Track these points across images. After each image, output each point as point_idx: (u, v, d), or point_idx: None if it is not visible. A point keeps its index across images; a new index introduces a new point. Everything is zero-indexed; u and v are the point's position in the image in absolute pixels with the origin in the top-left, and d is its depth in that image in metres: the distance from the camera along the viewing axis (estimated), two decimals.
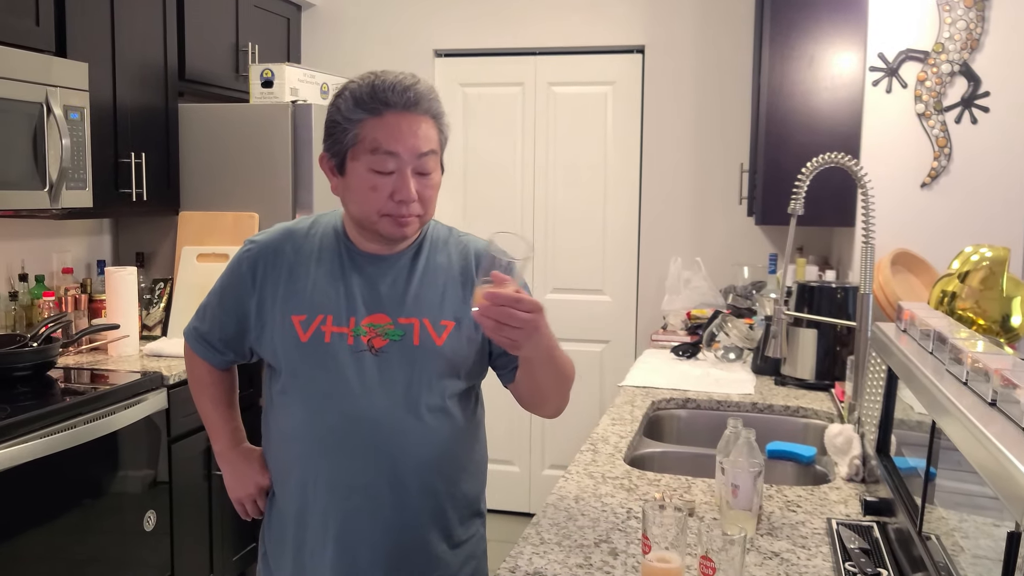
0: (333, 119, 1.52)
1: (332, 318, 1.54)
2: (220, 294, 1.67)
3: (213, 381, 1.76)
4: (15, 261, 3.18)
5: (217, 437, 1.77)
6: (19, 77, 2.60)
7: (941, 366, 1.34)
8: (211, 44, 3.68)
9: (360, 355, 1.53)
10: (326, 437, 1.54)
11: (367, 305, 1.55)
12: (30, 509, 2.33)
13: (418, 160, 1.49)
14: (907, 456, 1.53)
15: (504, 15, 4.28)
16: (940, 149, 2.77)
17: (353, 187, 1.51)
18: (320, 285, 1.56)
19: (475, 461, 1.67)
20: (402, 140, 1.47)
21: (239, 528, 3.20)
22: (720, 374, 2.91)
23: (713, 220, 4.15)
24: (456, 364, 1.57)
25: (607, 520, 1.64)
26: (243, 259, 1.63)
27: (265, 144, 3.46)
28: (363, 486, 1.53)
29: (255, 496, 1.72)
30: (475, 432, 1.68)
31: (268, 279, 1.59)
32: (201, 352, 1.72)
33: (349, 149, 1.50)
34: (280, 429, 1.61)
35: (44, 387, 2.69)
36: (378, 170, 1.48)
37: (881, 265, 2.67)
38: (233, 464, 1.74)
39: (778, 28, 3.08)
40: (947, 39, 2.72)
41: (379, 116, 1.48)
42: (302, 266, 1.58)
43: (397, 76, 1.50)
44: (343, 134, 1.50)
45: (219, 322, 1.67)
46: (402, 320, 1.54)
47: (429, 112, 1.52)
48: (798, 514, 1.68)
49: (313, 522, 1.57)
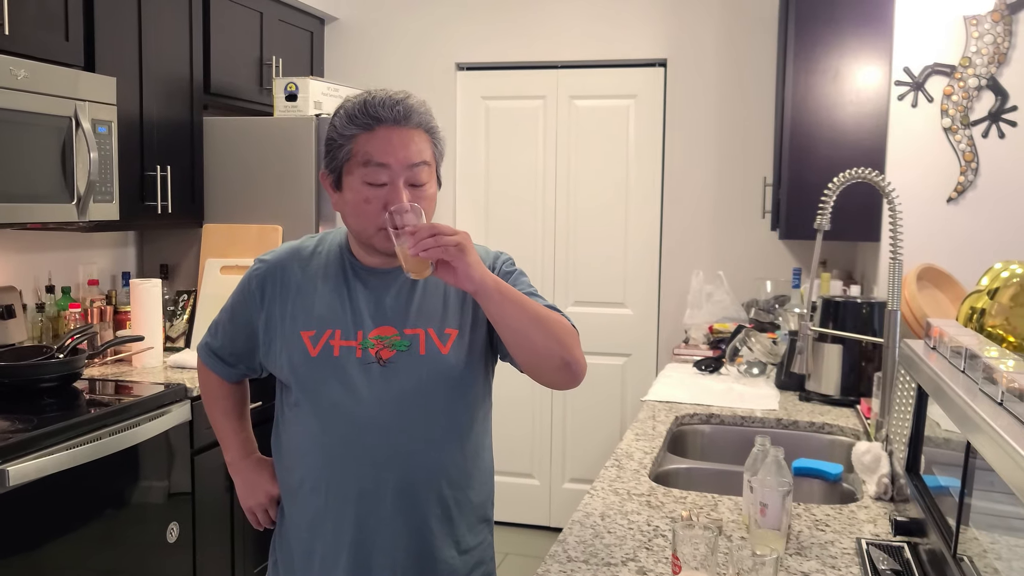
0: (330, 136, 1.58)
1: (340, 332, 1.58)
2: (231, 311, 1.72)
3: (224, 394, 1.81)
4: (42, 273, 3.21)
5: (228, 447, 1.83)
6: (49, 91, 2.63)
7: (974, 385, 1.32)
8: (236, 58, 3.71)
9: (368, 367, 1.56)
10: (336, 446, 1.57)
11: (373, 318, 1.59)
12: (55, 520, 2.34)
13: (410, 171, 1.53)
14: (938, 475, 1.52)
15: (526, 28, 4.29)
16: (967, 164, 2.75)
17: (349, 201, 1.55)
18: (327, 301, 1.61)
19: (482, 468, 1.70)
20: (392, 152, 1.51)
21: (260, 540, 3.20)
22: (744, 389, 2.90)
23: (735, 234, 4.13)
24: (462, 371, 1.60)
25: (634, 538, 1.62)
26: (252, 278, 1.68)
27: (289, 157, 3.48)
28: (373, 492, 1.57)
29: (266, 505, 1.76)
30: (482, 439, 1.70)
31: (276, 297, 1.64)
32: (213, 366, 1.77)
33: (344, 164, 1.55)
34: (291, 440, 1.65)
35: (70, 398, 2.71)
36: (371, 182, 1.52)
37: (907, 280, 2.65)
38: (244, 474, 1.79)
39: (803, 42, 3.08)
40: (974, 53, 2.71)
41: (371, 131, 1.53)
42: (309, 283, 1.63)
43: (388, 92, 1.56)
44: (338, 150, 1.55)
45: (230, 338, 1.72)
46: (408, 331, 1.58)
47: (421, 125, 1.56)
48: (827, 533, 1.66)
49: (325, 530, 1.60)
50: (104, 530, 2.51)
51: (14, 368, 2.69)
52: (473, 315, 1.62)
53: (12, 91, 2.50)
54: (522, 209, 4.40)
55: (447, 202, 4.40)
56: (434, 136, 1.58)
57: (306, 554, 1.64)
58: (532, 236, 4.38)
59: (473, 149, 4.44)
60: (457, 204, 4.44)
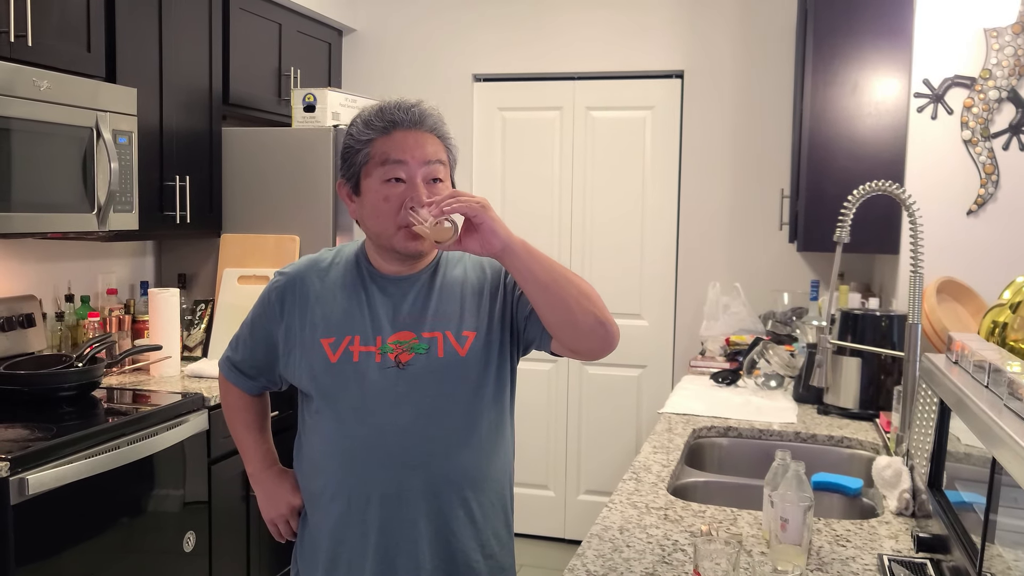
0: (347, 145, 1.62)
1: (359, 338, 1.61)
2: (251, 325, 1.75)
3: (245, 406, 1.83)
4: (62, 282, 3.24)
5: (250, 459, 1.84)
6: (71, 102, 2.65)
7: (999, 400, 1.31)
8: (255, 69, 3.73)
9: (387, 371, 1.58)
10: (358, 450, 1.59)
11: (392, 323, 1.61)
12: (74, 528, 2.35)
13: (427, 166, 1.57)
14: (961, 491, 1.50)
15: (543, 40, 4.30)
16: (987, 176, 2.73)
17: (368, 203, 1.58)
18: (346, 308, 1.63)
19: (505, 471, 1.71)
20: (409, 150, 1.56)
21: (277, 549, 3.21)
22: (761, 402, 2.88)
23: (752, 245, 4.12)
24: (480, 372, 1.61)
25: (653, 552, 1.62)
26: (272, 290, 1.71)
27: (306, 167, 3.50)
28: (396, 496, 1.58)
29: (287, 517, 1.77)
30: (504, 441, 1.70)
31: (296, 308, 1.67)
32: (234, 380, 1.80)
33: (362, 168, 1.59)
34: (312, 447, 1.66)
35: (88, 407, 2.72)
36: (389, 178, 1.55)
37: (926, 293, 2.63)
38: (265, 485, 1.80)
39: (821, 54, 3.07)
40: (994, 65, 2.69)
41: (387, 134, 1.57)
42: (328, 292, 1.66)
43: (403, 99, 1.61)
44: (355, 155, 1.59)
45: (251, 351, 1.75)
46: (426, 334, 1.60)
47: (434, 130, 1.60)
48: (848, 549, 1.65)
49: (350, 536, 1.61)
50: (121, 538, 2.51)
51: (34, 376, 2.70)
52: (489, 316, 1.63)
53: (35, 102, 2.52)
54: (538, 220, 4.40)
55: None
56: (446, 142, 1.63)
57: (330, 561, 1.64)
58: (548, 247, 4.38)
59: (489, 160, 4.45)
60: None
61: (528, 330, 1.63)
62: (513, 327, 1.65)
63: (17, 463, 2.16)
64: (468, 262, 1.70)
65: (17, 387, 2.66)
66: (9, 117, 2.44)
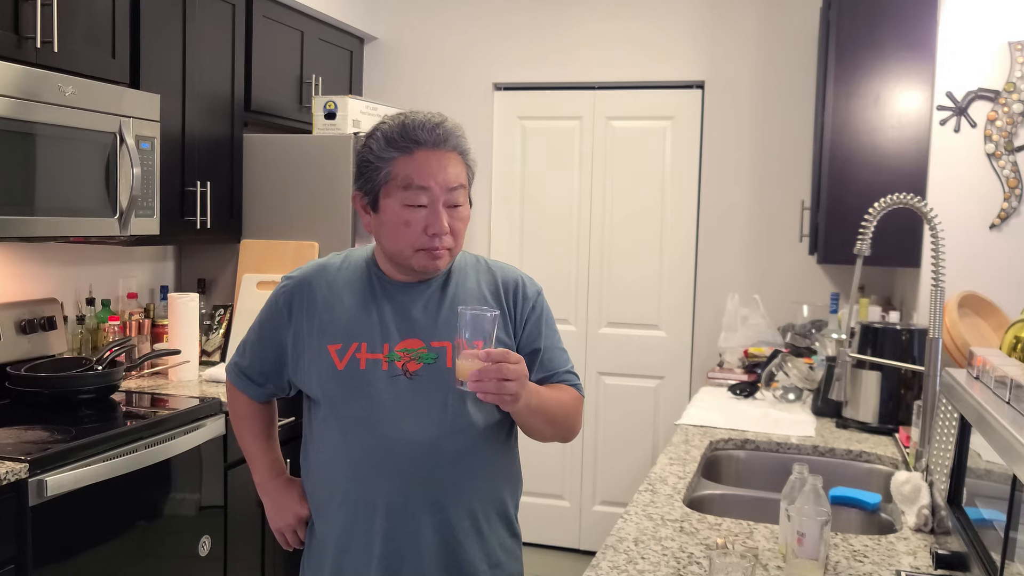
0: (365, 159, 1.60)
1: (366, 345, 1.60)
2: (259, 330, 1.74)
3: (252, 414, 1.82)
4: (83, 286, 3.26)
5: (257, 468, 1.83)
6: (95, 108, 2.67)
7: (1020, 416, 1.30)
8: (276, 76, 3.75)
9: (395, 379, 1.59)
10: (364, 459, 1.58)
11: (400, 331, 1.61)
12: (91, 530, 2.36)
13: (449, 193, 1.57)
14: (981, 507, 1.48)
15: (564, 49, 4.31)
16: (1011, 190, 2.71)
17: (387, 223, 1.58)
18: (353, 315, 1.63)
19: (512, 480, 1.71)
20: (433, 175, 1.55)
21: (291, 555, 3.20)
22: (779, 415, 2.86)
23: (772, 257, 4.10)
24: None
25: (668, 565, 1.61)
26: (280, 295, 1.70)
27: (327, 175, 3.51)
28: (402, 506, 1.58)
29: (295, 526, 1.76)
30: (509, 451, 1.71)
31: (303, 312, 1.65)
32: (241, 386, 1.78)
33: (382, 187, 1.57)
34: (319, 456, 1.65)
35: (107, 410, 2.74)
36: (411, 204, 1.55)
37: (948, 308, 2.61)
38: (272, 495, 1.79)
39: (843, 66, 3.06)
40: (1019, 78, 2.67)
41: (410, 154, 1.56)
42: (336, 298, 1.65)
43: (426, 115, 1.59)
44: (375, 172, 1.58)
45: (259, 357, 1.74)
46: (435, 344, 1.60)
47: (457, 148, 1.60)
48: (865, 565, 1.63)
49: (355, 546, 1.61)
50: (138, 542, 2.53)
51: (54, 379, 2.73)
52: (502, 332, 1.63)
53: (60, 107, 2.55)
54: (557, 229, 4.40)
55: (482, 221, 4.41)
56: (467, 159, 1.62)
57: (336, 570, 1.64)
58: (566, 256, 4.38)
59: (509, 169, 4.45)
60: (492, 223, 4.45)
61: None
62: (518, 349, 1.67)
63: (36, 465, 2.18)
64: (482, 273, 1.71)
65: (37, 389, 2.68)
66: (34, 122, 2.47)
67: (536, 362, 1.68)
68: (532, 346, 1.69)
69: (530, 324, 1.70)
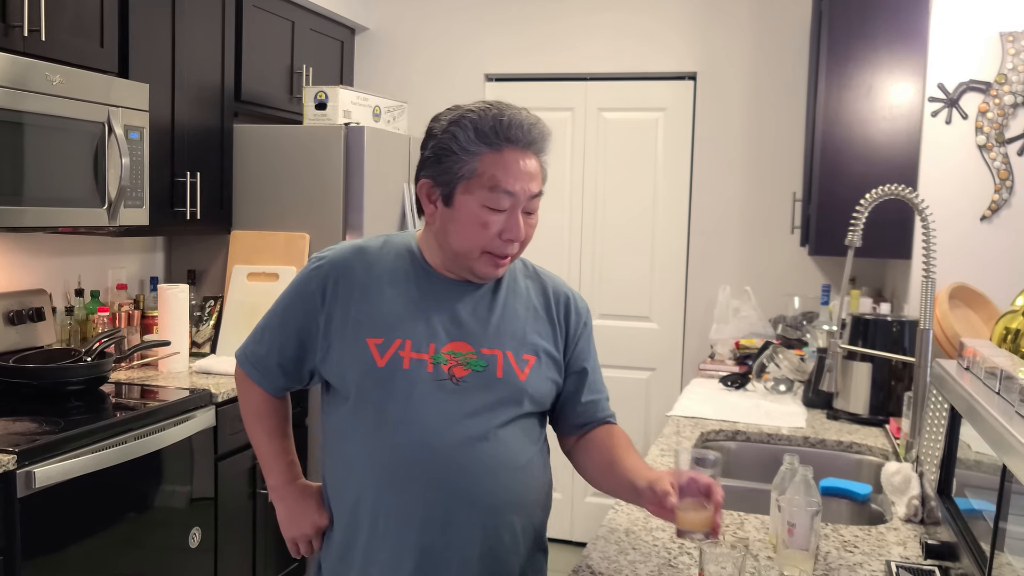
0: (446, 147, 1.47)
1: (411, 343, 1.48)
2: (282, 314, 1.58)
3: (268, 411, 1.66)
4: (72, 277, 3.24)
5: (271, 471, 1.67)
6: (83, 97, 2.65)
7: (1010, 407, 1.30)
8: (267, 66, 3.73)
9: (441, 384, 1.47)
10: (401, 467, 1.46)
11: (448, 332, 1.50)
12: (79, 522, 2.35)
13: (530, 201, 1.48)
14: (970, 498, 1.49)
15: (555, 40, 4.29)
16: (1001, 182, 2.71)
17: (460, 220, 1.47)
18: (396, 307, 1.51)
19: (546, 495, 1.64)
20: (520, 180, 1.45)
21: (283, 547, 3.20)
22: (770, 406, 2.86)
23: (763, 249, 4.10)
24: (535, 399, 1.54)
25: (659, 555, 1.61)
26: (311, 276, 1.55)
27: (317, 165, 3.50)
28: (440, 520, 1.46)
29: (311, 536, 1.63)
30: (547, 465, 1.64)
31: (338, 297, 1.52)
32: (256, 377, 1.63)
33: (463, 181, 1.46)
34: (346, 456, 1.52)
35: (96, 402, 2.73)
36: (492, 207, 1.45)
37: (938, 299, 2.61)
38: (288, 501, 1.65)
39: (835, 58, 3.05)
40: (1010, 70, 2.67)
41: (499, 151, 1.45)
42: (375, 286, 1.52)
43: (520, 113, 1.48)
44: (458, 164, 1.46)
45: (279, 344, 1.58)
46: (485, 351, 1.50)
47: (543, 152, 1.51)
48: (855, 555, 1.63)
49: (382, 558, 1.49)
50: (127, 533, 2.52)
51: (42, 370, 2.71)
52: (552, 345, 1.57)
53: (48, 96, 2.52)
54: (548, 221, 4.38)
55: None
56: (545, 165, 1.53)
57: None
58: (558, 248, 4.37)
59: None
60: None
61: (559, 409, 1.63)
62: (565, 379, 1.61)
63: (24, 456, 2.16)
64: (532, 281, 1.63)
65: (25, 381, 2.66)
66: (22, 111, 2.45)
67: (584, 383, 1.63)
68: (580, 365, 1.62)
69: (581, 342, 1.63)
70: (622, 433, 1.65)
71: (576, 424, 1.65)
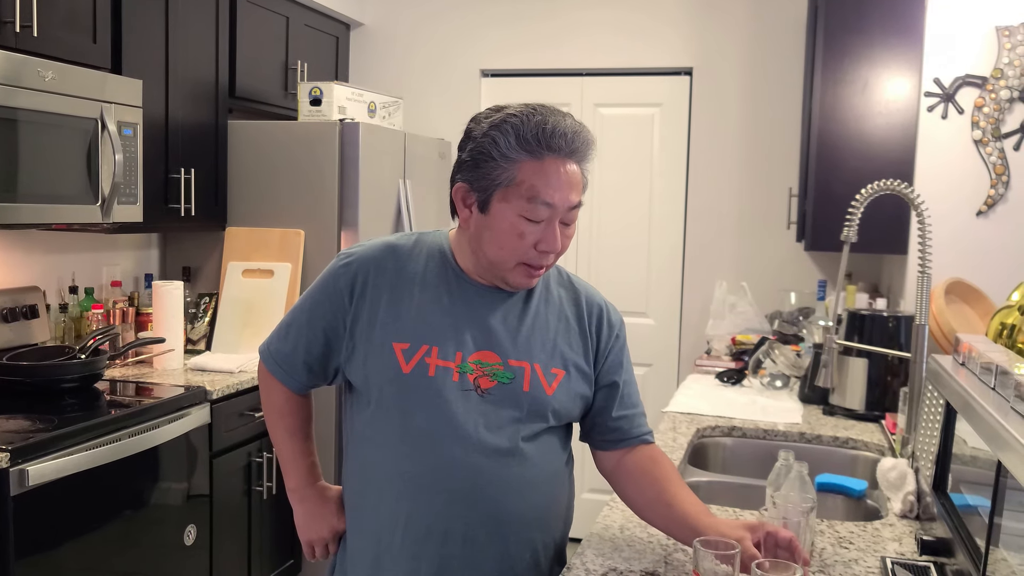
0: (485, 151, 1.42)
1: (437, 350, 1.45)
2: (310, 311, 1.54)
3: (291, 410, 1.62)
4: (66, 274, 3.23)
5: (291, 472, 1.64)
6: (76, 93, 2.64)
7: (1005, 403, 1.29)
8: (261, 62, 3.72)
9: (467, 394, 1.44)
10: (424, 476, 1.44)
11: (475, 340, 1.47)
12: (74, 520, 2.35)
13: (568, 212, 1.44)
14: (966, 494, 1.48)
15: (551, 36, 4.28)
16: (997, 176, 2.71)
17: (496, 228, 1.42)
18: (425, 312, 1.47)
19: (568, 508, 1.62)
20: (561, 191, 1.40)
21: (278, 544, 3.20)
22: (766, 402, 2.86)
23: (760, 244, 4.10)
24: (561, 415, 1.52)
25: (653, 552, 1.60)
26: (339, 274, 1.52)
27: (312, 162, 3.49)
28: (461, 533, 1.44)
29: (328, 540, 1.61)
30: (570, 478, 1.62)
31: (366, 296, 1.49)
32: (280, 375, 1.59)
33: (500, 188, 1.41)
34: (366, 462, 1.51)
35: (91, 399, 2.72)
36: (530, 218, 1.41)
37: (934, 294, 2.60)
38: (308, 504, 1.62)
39: (831, 53, 3.05)
40: (1006, 65, 2.67)
41: (540, 160, 1.40)
42: (405, 288, 1.49)
43: (564, 119, 1.43)
44: (497, 171, 1.41)
45: (305, 341, 1.54)
46: (513, 362, 1.47)
47: (585, 160, 1.46)
48: (850, 551, 1.63)
49: (399, 568, 1.47)
50: (122, 531, 2.51)
51: (36, 368, 2.70)
52: (582, 358, 1.54)
53: (40, 92, 2.51)
54: None
55: None
56: (585, 171, 1.47)
57: None
58: None
59: None
60: None
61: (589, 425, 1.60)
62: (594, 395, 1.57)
63: (18, 454, 2.16)
64: (565, 290, 1.58)
65: (19, 378, 2.65)
66: (14, 108, 2.44)
67: (615, 398, 1.58)
68: (611, 378, 1.58)
69: (612, 355, 1.58)
70: (667, 461, 1.59)
71: (610, 440, 1.60)
